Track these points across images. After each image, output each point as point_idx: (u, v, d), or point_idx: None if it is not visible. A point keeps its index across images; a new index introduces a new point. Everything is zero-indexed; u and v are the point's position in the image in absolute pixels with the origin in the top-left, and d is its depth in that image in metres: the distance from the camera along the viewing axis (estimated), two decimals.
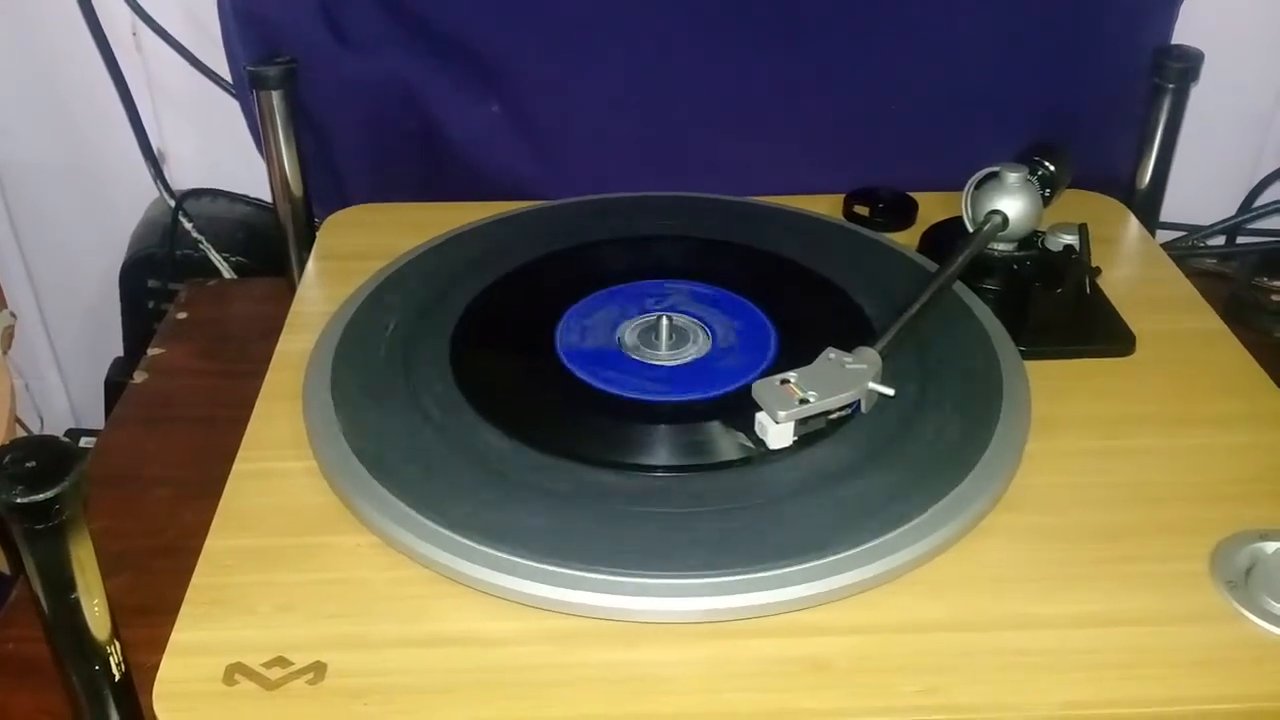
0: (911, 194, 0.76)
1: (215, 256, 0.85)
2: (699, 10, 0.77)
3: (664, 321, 0.61)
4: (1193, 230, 0.87)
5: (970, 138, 0.78)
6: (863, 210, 0.75)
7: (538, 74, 0.79)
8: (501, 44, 0.78)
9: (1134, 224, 0.76)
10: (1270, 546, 0.49)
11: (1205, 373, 0.61)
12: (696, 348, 0.60)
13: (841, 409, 0.54)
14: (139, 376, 0.71)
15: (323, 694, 0.44)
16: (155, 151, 0.87)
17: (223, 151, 0.90)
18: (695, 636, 0.46)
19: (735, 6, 0.77)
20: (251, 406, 0.58)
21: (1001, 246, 0.67)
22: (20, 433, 0.90)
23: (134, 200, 0.90)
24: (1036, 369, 0.59)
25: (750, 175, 0.80)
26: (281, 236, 0.75)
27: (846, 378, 0.54)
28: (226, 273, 0.85)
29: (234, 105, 0.86)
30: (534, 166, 0.82)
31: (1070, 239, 0.65)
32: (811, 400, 0.52)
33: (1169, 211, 0.80)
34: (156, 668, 0.44)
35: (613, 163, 0.82)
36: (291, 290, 0.71)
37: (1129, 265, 0.72)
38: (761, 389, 0.53)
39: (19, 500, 0.37)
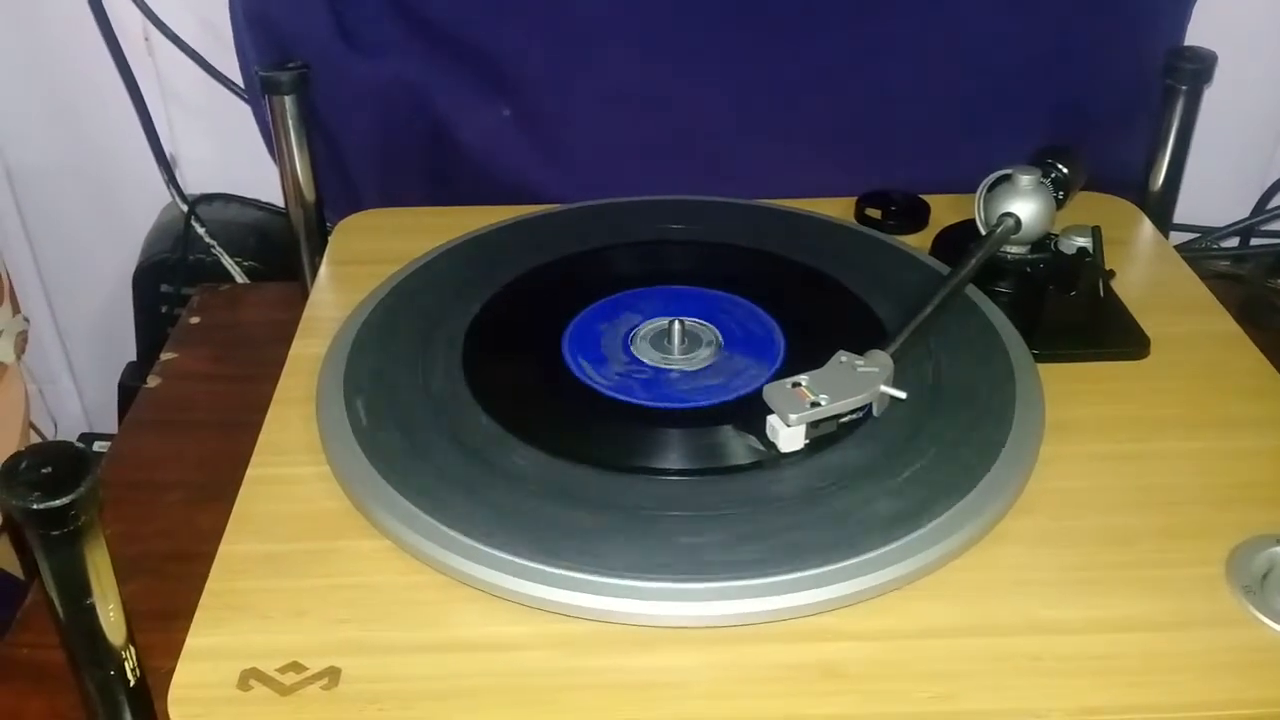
0: (923, 197, 0.76)
1: (228, 261, 0.85)
2: (710, 12, 0.77)
3: (676, 326, 0.61)
4: (1206, 232, 0.87)
5: (982, 140, 0.78)
6: (874, 213, 0.75)
7: (548, 77, 0.79)
8: (511, 48, 0.78)
9: (1147, 226, 0.75)
10: None
11: (1220, 375, 0.61)
12: (709, 352, 0.60)
13: (853, 412, 0.54)
14: (152, 381, 0.71)
15: (337, 699, 0.44)
16: (167, 156, 0.87)
17: (235, 156, 0.90)
18: (708, 641, 0.46)
19: (747, 8, 0.77)
20: (265, 411, 0.58)
21: (1014, 249, 0.67)
22: (35, 438, 0.90)
23: (146, 205, 0.91)
24: (1050, 372, 0.59)
25: (761, 178, 0.80)
26: (294, 241, 0.75)
27: (858, 381, 0.54)
28: (239, 277, 0.86)
29: (246, 110, 0.86)
30: (544, 169, 0.82)
31: (1083, 241, 0.65)
32: (823, 403, 0.52)
33: (1182, 213, 0.80)
34: (171, 673, 0.44)
35: (623, 166, 0.82)
36: (304, 295, 0.71)
37: (1143, 267, 0.72)
38: (773, 392, 0.53)
39: (35, 506, 0.37)
